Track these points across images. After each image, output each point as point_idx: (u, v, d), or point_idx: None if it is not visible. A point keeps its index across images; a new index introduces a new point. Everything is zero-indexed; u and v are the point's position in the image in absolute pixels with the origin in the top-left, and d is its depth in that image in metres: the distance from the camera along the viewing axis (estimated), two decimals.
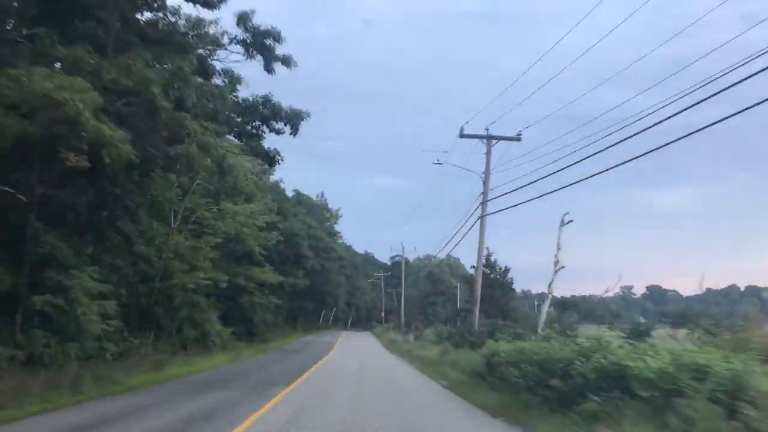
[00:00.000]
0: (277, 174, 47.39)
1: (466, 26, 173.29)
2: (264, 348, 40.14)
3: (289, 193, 58.16)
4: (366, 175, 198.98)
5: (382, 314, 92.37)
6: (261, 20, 18.33)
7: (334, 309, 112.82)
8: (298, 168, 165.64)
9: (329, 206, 75.57)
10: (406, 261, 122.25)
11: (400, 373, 21.25)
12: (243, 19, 18.05)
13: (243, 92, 22.71)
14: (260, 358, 29.76)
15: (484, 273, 28.31)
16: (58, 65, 13.62)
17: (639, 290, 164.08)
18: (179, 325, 27.69)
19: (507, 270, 27.69)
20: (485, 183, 23.90)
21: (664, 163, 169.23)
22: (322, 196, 74.36)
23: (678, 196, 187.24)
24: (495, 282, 27.10)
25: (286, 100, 20.80)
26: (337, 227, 76.21)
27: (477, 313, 23.27)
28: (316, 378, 18.70)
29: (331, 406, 12.46)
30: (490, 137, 24.24)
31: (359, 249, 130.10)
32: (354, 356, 31.73)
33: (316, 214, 69.72)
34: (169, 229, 26.39)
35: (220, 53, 19.80)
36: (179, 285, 25.73)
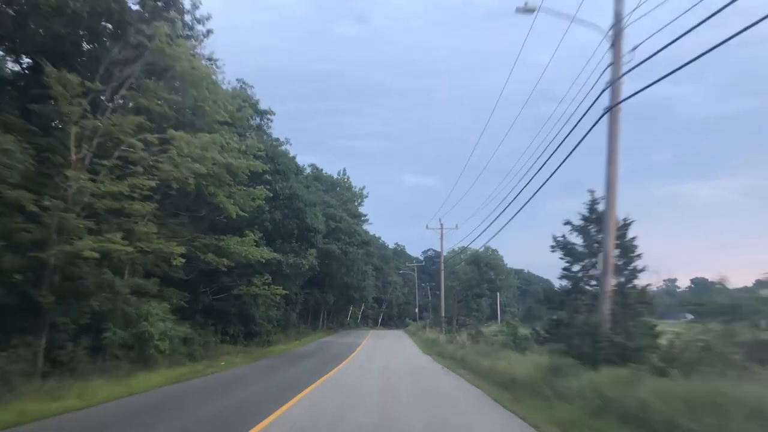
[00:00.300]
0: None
1: (502, 20, 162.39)
2: (259, 354, 29.62)
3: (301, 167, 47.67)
4: (397, 173, 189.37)
5: (416, 310, 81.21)
6: None
7: (363, 306, 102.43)
8: (326, 167, 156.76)
9: (353, 185, 64.66)
10: (439, 254, 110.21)
11: None
12: None
13: None
14: (227, 376, 18.94)
15: (584, 229, 16.97)
16: None
17: (683, 283, 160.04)
18: (98, 322, 17.18)
19: (627, 223, 16.15)
20: (616, 43, 12.57)
21: (701, 155, 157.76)
22: (344, 173, 63.54)
23: (719, 186, 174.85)
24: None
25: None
26: (363, 210, 65.11)
27: (608, 288, 12.02)
28: None
29: None
30: None
31: (389, 243, 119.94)
32: (380, 372, 20.64)
33: (338, 195, 59.13)
34: (72, 163, 15.87)
35: None
36: (87, 255, 15.12)
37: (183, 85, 19.18)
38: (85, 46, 19.20)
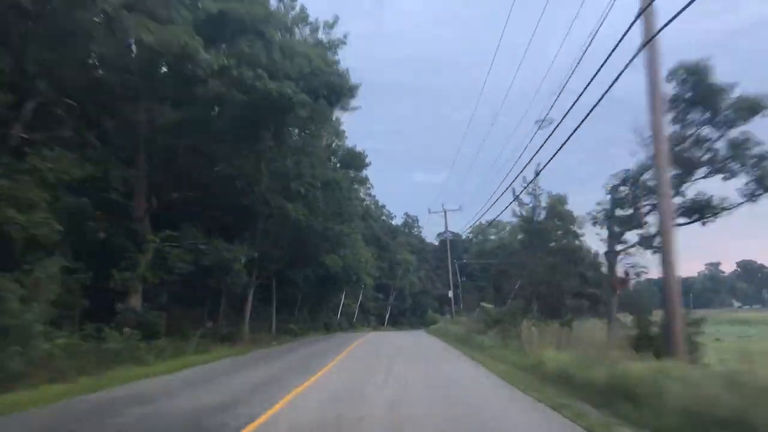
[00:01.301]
0: None
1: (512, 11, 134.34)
2: None
3: None
4: (407, 171, 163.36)
5: (449, 294, 46.50)
6: None
7: (360, 296, 68.32)
8: None
9: (312, 19, 29.96)
10: (458, 235, 73.64)
11: None
12: None
13: None
14: None
15: None
16: None
17: (728, 267, 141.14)
18: None
19: None
20: None
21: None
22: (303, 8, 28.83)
23: None
24: None
25: None
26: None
27: None
28: None
29: None
30: None
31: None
32: None
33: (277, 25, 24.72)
34: None
35: None
36: None
37: None
38: None
